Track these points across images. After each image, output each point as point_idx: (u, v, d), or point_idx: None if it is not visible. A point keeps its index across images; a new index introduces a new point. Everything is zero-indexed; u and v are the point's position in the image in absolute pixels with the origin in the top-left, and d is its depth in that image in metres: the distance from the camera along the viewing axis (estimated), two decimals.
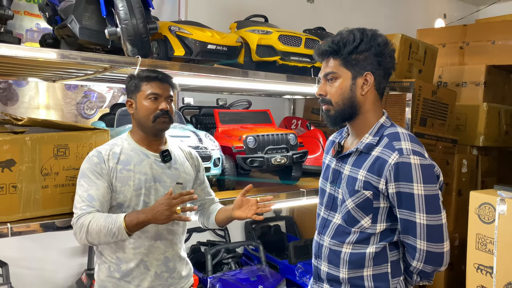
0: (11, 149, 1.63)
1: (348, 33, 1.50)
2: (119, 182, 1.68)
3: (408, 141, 1.44)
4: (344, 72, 1.49)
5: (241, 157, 2.33)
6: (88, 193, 1.62)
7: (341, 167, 1.57)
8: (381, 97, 1.57)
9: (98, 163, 1.66)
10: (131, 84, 1.75)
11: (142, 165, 1.73)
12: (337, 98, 1.51)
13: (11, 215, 1.64)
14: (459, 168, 3.67)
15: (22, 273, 2.66)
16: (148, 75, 1.73)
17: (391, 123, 1.55)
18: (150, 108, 1.71)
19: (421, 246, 1.41)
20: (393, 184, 1.41)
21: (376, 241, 1.49)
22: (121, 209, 1.69)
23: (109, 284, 1.72)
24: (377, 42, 1.48)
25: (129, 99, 1.77)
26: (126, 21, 1.80)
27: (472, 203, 2.26)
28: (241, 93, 3.36)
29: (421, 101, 3.28)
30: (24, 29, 2.65)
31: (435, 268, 1.45)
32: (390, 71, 1.54)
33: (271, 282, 2.75)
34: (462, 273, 3.75)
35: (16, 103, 2.66)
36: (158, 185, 1.75)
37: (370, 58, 1.48)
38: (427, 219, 1.39)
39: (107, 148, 1.72)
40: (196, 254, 3.20)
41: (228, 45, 2.24)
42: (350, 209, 1.50)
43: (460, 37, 4.19)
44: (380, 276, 1.50)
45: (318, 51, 1.56)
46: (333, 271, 1.55)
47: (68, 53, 1.69)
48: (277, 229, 3.72)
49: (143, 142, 1.77)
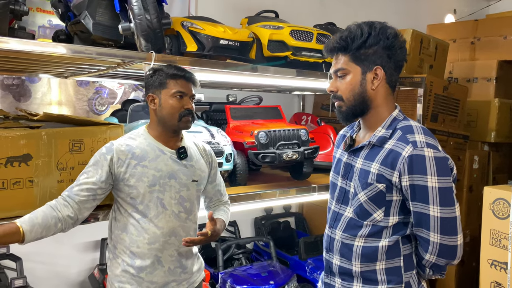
0: (28, 144, 1.64)
1: (356, 27, 1.48)
2: (133, 177, 1.68)
3: (422, 134, 1.44)
4: (353, 68, 1.49)
5: (252, 152, 2.33)
6: (79, 180, 1.63)
7: (353, 161, 1.57)
8: (393, 90, 1.56)
9: (104, 154, 1.67)
10: (155, 79, 1.73)
11: (157, 161, 1.72)
12: (347, 94, 1.51)
13: (28, 209, 1.64)
14: (471, 164, 3.65)
15: (36, 267, 2.69)
16: (176, 73, 1.72)
17: (403, 116, 1.54)
18: (176, 106, 1.71)
19: (434, 239, 1.41)
20: (407, 176, 1.41)
21: (389, 234, 1.49)
22: (135, 204, 1.70)
23: (123, 279, 1.73)
24: (385, 35, 1.46)
25: (151, 94, 1.75)
26: (140, 16, 1.81)
27: (486, 198, 2.24)
28: (251, 89, 3.36)
29: (432, 96, 3.26)
30: (37, 26, 2.66)
31: (448, 261, 1.45)
32: (402, 63, 1.53)
33: (282, 278, 2.75)
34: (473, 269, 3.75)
35: (29, 99, 2.68)
36: (174, 182, 1.75)
37: (379, 52, 1.47)
38: (441, 211, 1.39)
39: (121, 141, 1.72)
40: (207, 249, 3.21)
41: (240, 41, 2.24)
42: (362, 202, 1.49)
43: (471, 32, 4.15)
44: (393, 270, 1.49)
45: (327, 48, 1.56)
46: (345, 264, 1.55)
47: (83, 48, 1.69)
48: (287, 225, 3.72)
49: (161, 138, 1.77)
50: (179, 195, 1.76)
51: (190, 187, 1.80)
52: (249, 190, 2.35)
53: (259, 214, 3.69)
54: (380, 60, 1.47)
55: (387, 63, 1.48)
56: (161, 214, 1.72)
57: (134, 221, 1.71)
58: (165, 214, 1.73)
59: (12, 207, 1.63)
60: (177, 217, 1.76)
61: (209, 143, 2.20)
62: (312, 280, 3.03)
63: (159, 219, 1.72)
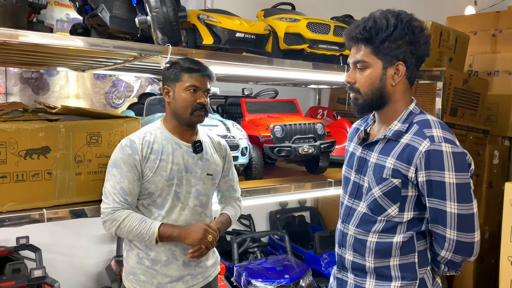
0: (46, 136, 1.66)
1: (382, 17, 1.41)
2: (151, 171, 1.68)
3: (439, 129, 1.40)
4: (375, 61, 1.43)
5: (268, 146, 2.32)
6: (121, 185, 1.64)
7: (367, 155, 1.53)
8: (412, 85, 1.51)
9: (131, 154, 1.66)
10: (171, 72, 1.73)
11: (174, 155, 1.73)
12: (366, 88, 1.46)
13: (46, 201, 1.68)
14: (490, 160, 3.57)
15: (54, 258, 2.74)
16: (190, 66, 1.72)
17: (420, 110, 1.50)
18: (188, 100, 1.71)
19: (451, 235, 1.38)
20: (424, 172, 1.37)
21: (403, 230, 1.46)
22: (152, 198, 1.71)
23: (138, 271, 1.74)
24: (412, 29, 1.40)
25: (166, 87, 1.76)
26: (157, 9, 1.80)
27: (508, 194, 2.19)
28: (266, 83, 3.34)
29: (452, 90, 3.19)
30: (55, 20, 2.69)
31: (465, 258, 1.42)
32: (424, 58, 1.48)
33: (297, 272, 2.74)
34: (491, 266, 3.69)
35: (47, 92, 2.72)
36: (190, 176, 1.75)
37: (403, 47, 1.41)
38: (458, 208, 1.36)
39: (140, 136, 1.71)
40: (222, 242, 3.22)
41: (257, 33, 2.22)
42: (377, 197, 1.46)
43: (493, 24, 4.04)
44: (407, 266, 1.47)
45: (348, 35, 1.48)
46: (358, 260, 1.53)
47: (100, 42, 1.70)
48: (302, 219, 3.71)
49: (176, 131, 1.77)
50: (195, 189, 1.77)
51: (206, 181, 1.80)
52: (264, 184, 2.34)
53: (274, 208, 3.68)
54: (403, 55, 1.42)
55: (410, 58, 1.43)
56: (176, 207, 1.73)
57: (150, 215, 1.72)
58: (180, 208, 1.73)
59: (31, 199, 1.65)
60: (193, 211, 1.77)
61: (224, 137, 2.19)
62: (327, 275, 3.01)
63: (174, 213, 1.73)
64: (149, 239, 1.64)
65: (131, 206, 1.67)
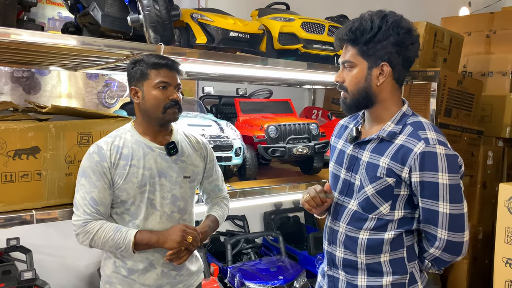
0: (36, 136, 1.63)
1: (368, 19, 1.44)
2: (121, 178, 1.59)
3: (433, 131, 1.43)
4: (360, 62, 1.47)
5: (262, 146, 2.31)
6: (91, 195, 1.56)
7: (359, 153, 1.54)
8: (401, 86, 1.53)
9: (99, 162, 1.57)
10: (136, 70, 1.63)
11: (146, 159, 1.63)
12: (352, 87, 1.49)
13: (36, 202, 1.65)
14: (484, 160, 3.58)
15: (45, 259, 2.70)
16: (157, 61, 1.62)
17: (412, 112, 1.53)
18: (160, 97, 1.61)
19: (442, 235, 1.42)
20: (418, 173, 1.40)
21: (394, 227, 1.49)
22: (125, 206, 1.63)
23: (115, 280, 1.67)
24: (397, 30, 1.42)
25: (133, 87, 1.65)
26: (149, 8, 1.78)
27: (502, 195, 2.19)
28: (260, 83, 3.32)
29: (446, 91, 3.19)
30: (46, 18, 2.65)
31: (453, 257, 1.46)
32: (412, 59, 1.49)
33: (291, 273, 2.73)
34: (485, 267, 3.69)
35: (38, 91, 2.68)
36: (164, 180, 1.66)
37: (388, 48, 1.43)
38: (450, 208, 1.39)
39: (108, 141, 1.62)
40: (215, 243, 3.20)
41: (251, 33, 2.20)
42: (369, 195, 1.48)
43: (487, 25, 4.06)
44: (397, 261, 1.50)
45: (337, 37, 1.53)
46: (349, 256, 1.54)
47: (91, 40, 1.68)
48: (296, 220, 3.70)
49: (148, 133, 1.67)
50: (171, 194, 1.68)
51: (183, 185, 1.71)
52: (258, 184, 2.33)
53: (268, 209, 3.66)
54: (388, 56, 1.44)
55: (395, 59, 1.45)
56: (151, 215, 1.64)
57: (124, 224, 1.64)
58: (155, 215, 1.65)
59: (20, 200, 1.62)
60: (170, 217, 1.68)
61: (218, 137, 2.17)
62: None
63: (149, 221, 1.64)
64: (125, 249, 1.56)
65: (104, 216, 1.59)
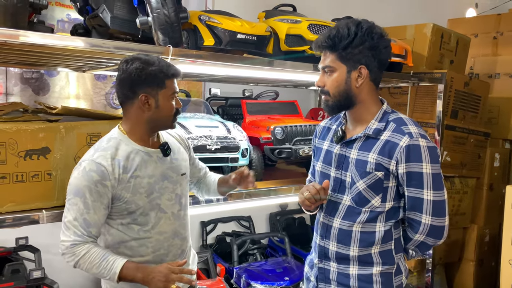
0: (46, 137, 1.65)
1: (344, 26, 1.56)
2: (128, 192, 1.54)
3: (414, 125, 1.57)
4: (340, 66, 1.58)
5: (269, 148, 2.32)
6: (84, 217, 1.48)
7: (347, 152, 1.65)
8: (377, 87, 1.66)
9: (100, 181, 1.48)
10: (149, 75, 1.53)
11: (147, 167, 1.60)
12: (333, 90, 1.61)
13: (46, 201, 1.68)
14: (491, 162, 3.56)
15: (53, 259, 2.71)
16: (175, 72, 1.59)
17: (391, 109, 1.67)
18: (173, 108, 1.59)
19: (426, 220, 1.56)
20: (404, 164, 1.53)
21: (383, 219, 1.61)
22: (132, 216, 1.58)
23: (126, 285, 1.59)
24: (371, 35, 1.55)
25: (145, 95, 1.53)
26: (158, 10, 1.80)
27: (509, 197, 2.19)
28: (267, 84, 3.33)
29: (453, 92, 3.19)
30: (56, 20, 2.68)
31: (435, 240, 1.60)
32: (386, 62, 1.62)
33: (297, 274, 2.73)
34: (492, 269, 3.68)
35: (47, 92, 2.71)
36: (167, 183, 1.65)
37: (364, 52, 1.55)
38: (433, 195, 1.53)
39: (105, 156, 1.51)
40: (221, 244, 3.21)
41: (258, 35, 2.21)
42: (361, 190, 1.59)
43: (494, 26, 4.04)
44: (386, 253, 1.63)
45: (316, 44, 1.64)
46: (342, 250, 1.65)
47: (100, 42, 1.69)
48: (302, 221, 3.70)
49: (142, 140, 1.62)
50: (175, 194, 1.69)
51: (182, 182, 1.73)
52: (264, 185, 2.34)
53: (274, 210, 3.67)
54: (365, 59, 1.56)
55: (372, 62, 1.57)
56: (161, 219, 1.64)
57: (133, 233, 1.60)
58: (165, 218, 1.65)
59: (31, 199, 1.65)
60: (177, 216, 1.69)
61: (225, 138, 2.18)
62: None
63: (161, 225, 1.64)
64: (110, 279, 1.50)
65: (94, 237, 1.53)
